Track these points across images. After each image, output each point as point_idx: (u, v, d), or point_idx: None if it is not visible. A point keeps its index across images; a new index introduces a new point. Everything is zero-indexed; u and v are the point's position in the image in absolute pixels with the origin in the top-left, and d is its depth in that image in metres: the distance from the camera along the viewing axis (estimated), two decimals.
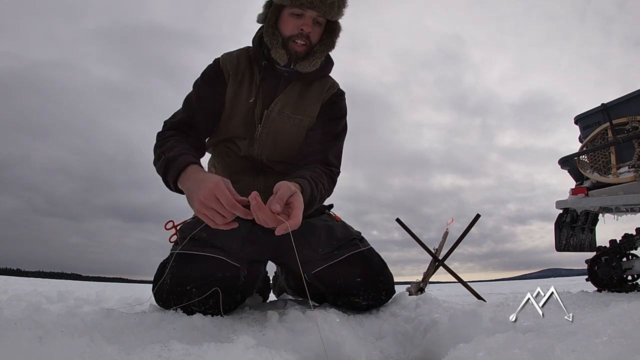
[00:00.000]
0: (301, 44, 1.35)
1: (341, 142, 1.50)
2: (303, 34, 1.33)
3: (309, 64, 1.37)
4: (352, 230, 1.49)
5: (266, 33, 1.37)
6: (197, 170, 1.14)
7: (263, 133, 1.42)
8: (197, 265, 1.26)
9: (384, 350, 1.05)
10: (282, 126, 1.42)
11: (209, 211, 1.01)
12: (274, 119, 1.42)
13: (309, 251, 1.38)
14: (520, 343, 0.68)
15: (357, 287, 1.36)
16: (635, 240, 2.59)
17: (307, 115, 1.44)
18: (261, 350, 0.78)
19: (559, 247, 2.91)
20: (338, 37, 1.42)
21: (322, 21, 1.36)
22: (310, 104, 1.45)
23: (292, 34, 1.34)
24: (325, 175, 1.33)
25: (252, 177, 1.46)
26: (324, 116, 1.46)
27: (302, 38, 1.34)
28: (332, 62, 1.51)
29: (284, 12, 1.34)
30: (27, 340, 0.65)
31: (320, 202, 1.29)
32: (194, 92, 1.44)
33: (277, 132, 1.43)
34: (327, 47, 1.41)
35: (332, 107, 1.48)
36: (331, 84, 1.50)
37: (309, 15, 1.32)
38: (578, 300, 2.00)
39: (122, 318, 1.16)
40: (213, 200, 0.99)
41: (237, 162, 1.48)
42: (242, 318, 1.26)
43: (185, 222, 1.42)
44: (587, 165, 2.72)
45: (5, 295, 2.31)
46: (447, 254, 2.19)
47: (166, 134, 1.34)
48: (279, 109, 1.42)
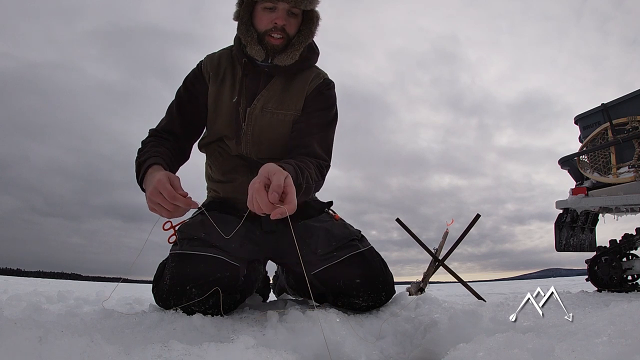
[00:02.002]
0: (277, 37, 1.32)
1: (330, 133, 1.44)
2: (278, 28, 1.31)
3: (288, 57, 1.35)
4: (352, 229, 1.48)
5: (239, 30, 1.36)
6: (154, 170, 1.21)
7: (248, 131, 1.41)
8: (196, 265, 1.26)
9: (384, 350, 1.05)
10: (266, 123, 1.40)
11: (156, 205, 1.10)
12: (257, 117, 1.40)
13: (307, 252, 1.38)
14: (520, 343, 0.68)
15: (357, 289, 1.36)
16: (635, 240, 2.59)
17: (291, 110, 1.42)
18: (261, 350, 0.78)
19: (559, 247, 2.91)
20: (317, 26, 1.39)
21: (297, 12, 1.34)
22: (294, 98, 1.42)
23: (267, 28, 1.32)
24: (312, 165, 1.27)
25: (245, 176, 1.45)
26: (310, 107, 1.42)
27: (277, 32, 1.32)
28: (317, 52, 1.48)
29: (257, 7, 1.33)
30: (27, 340, 0.65)
31: (307, 193, 1.22)
32: (175, 99, 1.49)
33: (262, 129, 1.41)
34: (305, 37, 1.37)
35: (318, 98, 1.43)
36: (316, 74, 1.46)
37: (282, 7, 1.30)
38: (578, 300, 2.00)
39: (122, 318, 1.16)
40: (157, 195, 1.09)
41: (230, 161, 1.48)
42: (242, 318, 1.26)
43: (183, 222, 1.43)
44: (587, 165, 2.72)
45: (5, 295, 2.31)
46: (447, 254, 2.19)
47: (146, 141, 1.41)
48: (262, 105, 1.40)
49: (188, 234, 1.34)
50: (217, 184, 1.55)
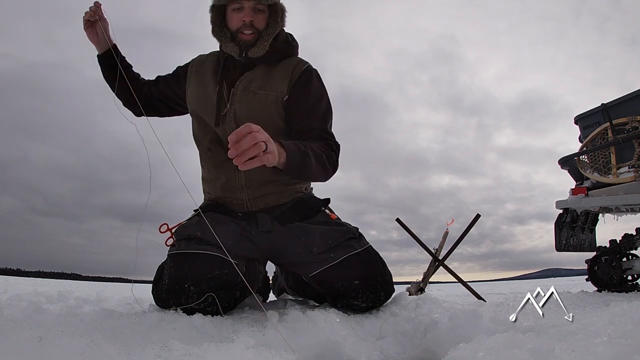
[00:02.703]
0: (248, 33, 1.43)
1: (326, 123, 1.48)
2: (247, 24, 1.42)
3: (259, 49, 1.44)
4: (349, 227, 1.47)
5: (213, 33, 1.49)
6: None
7: (231, 111, 1.44)
8: (194, 263, 1.27)
9: (384, 350, 1.05)
10: (248, 102, 1.44)
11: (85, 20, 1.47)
12: (240, 96, 1.44)
13: (303, 251, 1.37)
14: (520, 343, 0.68)
15: (356, 290, 1.35)
16: (635, 240, 2.59)
17: (273, 91, 1.45)
18: (261, 350, 0.78)
19: (559, 247, 2.91)
20: (282, 17, 1.49)
21: (263, 8, 1.44)
22: (278, 80, 1.46)
23: (238, 26, 1.43)
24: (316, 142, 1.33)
25: (232, 171, 1.45)
26: (300, 94, 1.46)
27: (247, 28, 1.43)
28: (295, 44, 1.56)
29: (227, 10, 1.45)
30: (27, 340, 0.65)
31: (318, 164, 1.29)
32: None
33: (244, 109, 1.44)
34: (272, 29, 1.46)
35: (306, 87, 1.47)
36: (298, 61, 1.51)
37: (247, 5, 1.42)
38: (578, 300, 2.00)
39: (122, 318, 1.16)
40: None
41: (217, 157, 1.50)
42: (242, 318, 1.26)
43: (179, 224, 1.44)
44: (587, 165, 2.72)
45: (5, 295, 2.31)
46: (447, 254, 2.19)
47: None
48: (244, 86, 1.45)
49: (185, 234, 1.37)
50: (208, 184, 1.58)
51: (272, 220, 1.44)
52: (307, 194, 1.60)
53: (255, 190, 1.47)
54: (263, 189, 1.47)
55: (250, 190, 1.47)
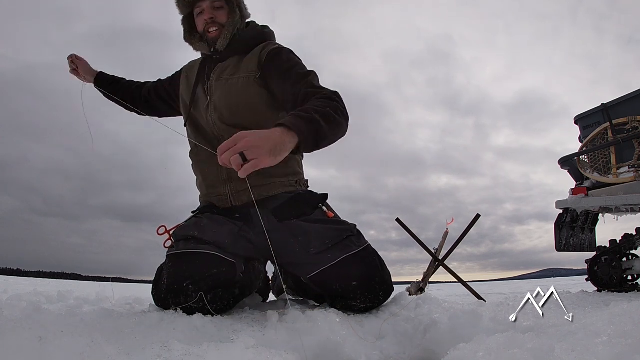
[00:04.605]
0: (213, 30, 1.53)
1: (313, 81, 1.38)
2: (209, 22, 1.52)
3: (223, 40, 1.53)
4: (347, 225, 1.44)
5: (185, 38, 1.60)
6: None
7: (211, 103, 1.50)
8: (192, 262, 1.28)
9: (384, 350, 1.05)
10: (223, 90, 1.49)
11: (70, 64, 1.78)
12: (215, 86, 1.51)
13: (300, 250, 1.37)
14: (520, 343, 0.68)
15: (354, 291, 1.34)
16: (635, 240, 2.59)
17: (244, 72, 1.49)
18: (261, 350, 0.78)
19: (559, 247, 2.91)
20: (239, 7, 1.56)
21: (220, 4, 1.53)
22: (247, 63, 1.51)
23: (204, 27, 1.54)
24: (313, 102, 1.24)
25: (216, 167, 1.41)
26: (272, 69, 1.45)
27: (211, 25, 1.53)
28: (268, 31, 1.61)
29: (194, 16, 1.57)
30: (27, 340, 0.65)
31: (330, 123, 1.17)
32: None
33: (220, 97, 1.49)
34: (232, 20, 1.54)
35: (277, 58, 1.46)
36: (267, 43, 1.54)
37: (205, 5, 1.52)
38: (578, 300, 2.00)
39: (122, 318, 1.16)
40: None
41: (202, 153, 1.52)
42: (242, 318, 1.26)
43: (177, 226, 1.45)
44: (587, 165, 2.72)
45: (5, 295, 2.31)
46: (447, 254, 2.19)
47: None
48: (217, 76, 1.52)
49: (182, 235, 1.38)
50: (197, 183, 1.62)
51: (269, 219, 1.43)
52: (303, 189, 1.57)
53: (237, 184, 1.47)
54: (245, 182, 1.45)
55: (233, 183, 1.48)
